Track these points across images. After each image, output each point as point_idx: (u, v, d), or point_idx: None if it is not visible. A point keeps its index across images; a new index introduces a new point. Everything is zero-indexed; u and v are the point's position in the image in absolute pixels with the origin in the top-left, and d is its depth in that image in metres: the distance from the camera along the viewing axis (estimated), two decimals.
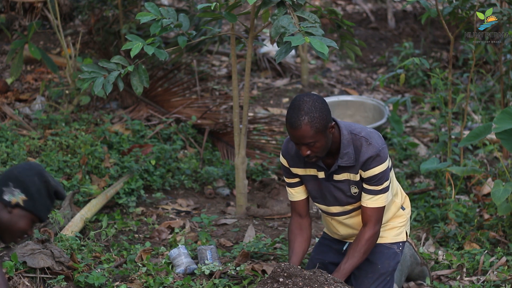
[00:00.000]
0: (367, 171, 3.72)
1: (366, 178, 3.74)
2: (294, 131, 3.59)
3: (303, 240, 3.94)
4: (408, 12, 9.82)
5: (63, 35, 6.60)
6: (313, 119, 3.56)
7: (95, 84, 4.43)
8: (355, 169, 3.75)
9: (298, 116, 3.56)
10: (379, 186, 3.75)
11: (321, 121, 3.58)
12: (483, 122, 6.75)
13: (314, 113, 3.56)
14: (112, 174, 5.53)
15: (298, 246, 3.92)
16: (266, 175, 5.97)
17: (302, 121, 3.56)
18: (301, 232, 3.95)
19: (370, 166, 3.71)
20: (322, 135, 3.60)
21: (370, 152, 3.70)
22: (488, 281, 4.44)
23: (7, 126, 6.03)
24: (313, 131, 3.57)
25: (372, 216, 3.79)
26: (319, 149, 3.64)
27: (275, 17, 4.23)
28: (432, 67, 6.22)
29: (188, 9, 7.43)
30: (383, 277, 3.93)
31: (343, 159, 3.72)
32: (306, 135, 3.57)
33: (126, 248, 4.76)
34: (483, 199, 5.45)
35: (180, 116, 6.53)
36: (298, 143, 3.64)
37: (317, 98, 3.61)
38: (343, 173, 3.78)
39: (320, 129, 3.58)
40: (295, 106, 3.59)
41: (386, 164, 3.73)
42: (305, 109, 3.57)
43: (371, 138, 3.73)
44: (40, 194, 3.22)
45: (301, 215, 3.97)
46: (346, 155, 3.71)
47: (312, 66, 8.46)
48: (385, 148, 3.74)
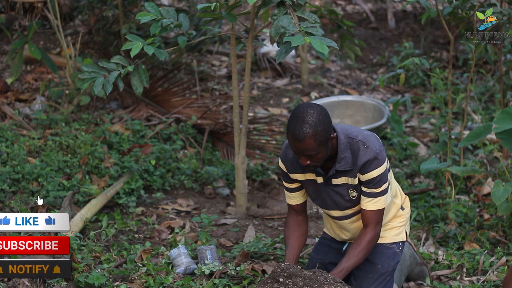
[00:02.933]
0: (365, 174, 3.72)
1: (365, 181, 3.74)
2: (297, 143, 3.57)
3: (299, 235, 3.94)
4: (408, 12, 9.82)
5: (63, 35, 6.60)
6: (317, 132, 3.54)
7: (95, 84, 4.43)
8: (353, 173, 3.74)
9: (302, 128, 3.54)
10: (377, 188, 3.75)
11: (324, 134, 3.57)
12: (483, 122, 6.74)
13: (319, 126, 3.55)
14: (112, 174, 5.53)
15: (294, 242, 3.93)
16: (266, 175, 5.97)
17: (306, 134, 3.54)
18: (298, 228, 3.96)
19: (368, 169, 3.71)
20: (324, 147, 3.60)
21: (368, 155, 3.70)
22: (488, 281, 4.44)
23: (7, 126, 6.03)
24: (316, 144, 3.56)
25: (372, 218, 3.79)
26: (319, 159, 3.64)
27: (275, 17, 4.23)
28: (432, 67, 6.21)
29: (188, 9, 7.43)
30: (383, 277, 3.93)
31: (341, 163, 3.72)
32: (309, 147, 3.56)
33: (126, 248, 4.76)
34: (483, 199, 5.45)
35: (180, 116, 6.53)
36: (299, 154, 3.63)
37: (321, 110, 3.59)
38: (341, 177, 3.78)
39: (323, 141, 3.57)
40: (299, 117, 3.56)
41: (384, 166, 3.73)
42: (309, 122, 3.54)
43: (368, 142, 3.72)
44: None
45: (298, 213, 3.99)
46: (344, 159, 3.71)
47: (312, 66, 8.46)
48: (383, 150, 3.74)
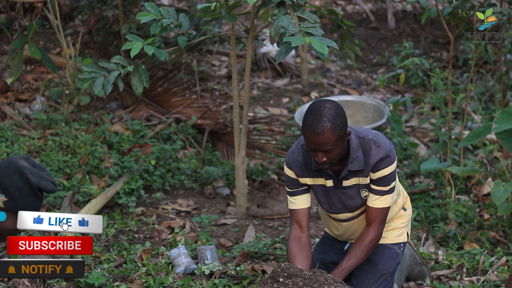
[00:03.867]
0: (377, 172, 3.71)
1: (376, 179, 3.73)
2: (316, 137, 3.53)
3: (302, 259, 3.83)
4: (408, 12, 9.82)
5: (63, 35, 6.60)
6: (335, 125, 3.52)
7: (95, 84, 4.43)
8: (364, 172, 3.73)
9: (321, 122, 3.51)
10: (387, 186, 3.74)
11: (342, 127, 3.55)
12: (483, 122, 6.74)
13: (337, 119, 3.53)
14: (112, 174, 5.54)
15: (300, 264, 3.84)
16: (266, 175, 5.97)
17: (325, 127, 3.51)
18: (300, 251, 3.84)
19: (380, 167, 3.69)
20: (341, 142, 3.58)
21: (380, 154, 3.69)
22: (488, 281, 4.44)
23: (7, 126, 6.03)
24: (335, 137, 3.53)
25: (378, 216, 3.78)
26: (336, 156, 3.60)
27: (275, 17, 4.23)
28: (432, 67, 6.22)
29: (188, 9, 7.43)
30: (384, 277, 3.93)
31: (353, 163, 3.70)
32: (327, 141, 3.53)
33: (126, 248, 4.76)
34: (483, 199, 5.45)
35: (180, 116, 6.53)
36: (316, 150, 3.58)
37: (337, 105, 3.58)
38: (351, 178, 3.76)
39: (341, 136, 3.55)
40: (317, 112, 3.54)
41: (395, 164, 3.73)
42: (328, 115, 3.52)
43: (379, 140, 3.72)
44: (21, 193, 3.02)
45: (301, 227, 3.85)
46: (356, 159, 3.70)
47: (312, 66, 8.46)
48: (393, 149, 3.73)
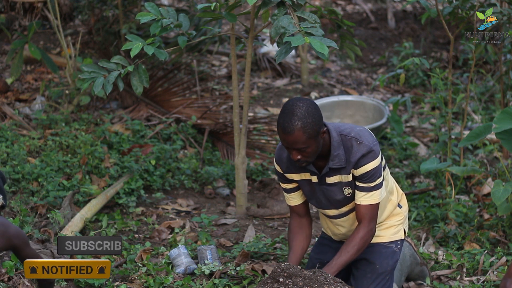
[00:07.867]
0: (359, 169, 3.71)
1: (359, 175, 3.74)
2: (287, 136, 3.58)
3: (302, 238, 3.93)
4: (408, 12, 9.82)
5: (63, 35, 6.60)
6: (306, 124, 3.55)
7: (95, 84, 4.44)
8: (346, 170, 3.74)
9: (291, 121, 3.55)
10: (372, 182, 3.74)
11: (313, 127, 3.57)
12: (483, 122, 6.75)
13: (307, 118, 3.56)
14: (112, 174, 5.54)
15: (297, 245, 3.92)
16: (266, 175, 5.97)
17: (295, 126, 3.55)
18: (301, 231, 3.94)
19: (362, 163, 3.70)
20: (314, 141, 3.60)
21: (361, 150, 3.70)
22: (488, 281, 4.44)
23: (7, 126, 6.03)
24: (306, 136, 3.56)
25: (367, 213, 3.78)
26: (310, 154, 3.64)
27: (275, 17, 4.23)
28: (432, 67, 6.22)
29: (188, 9, 7.43)
30: (382, 276, 3.93)
31: (334, 161, 3.72)
32: (298, 140, 3.57)
33: (126, 248, 4.76)
34: (483, 199, 5.45)
35: (180, 116, 6.53)
36: (290, 148, 3.63)
37: (310, 103, 3.60)
38: (334, 176, 3.78)
39: (313, 134, 3.58)
40: (288, 110, 3.58)
41: (379, 160, 3.73)
42: (298, 114, 3.55)
43: (361, 137, 3.72)
44: None
45: (300, 215, 3.97)
46: (337, 157, 3.71)
47: (312, 66, 8.46)
48: (377, 144, 3.73)
